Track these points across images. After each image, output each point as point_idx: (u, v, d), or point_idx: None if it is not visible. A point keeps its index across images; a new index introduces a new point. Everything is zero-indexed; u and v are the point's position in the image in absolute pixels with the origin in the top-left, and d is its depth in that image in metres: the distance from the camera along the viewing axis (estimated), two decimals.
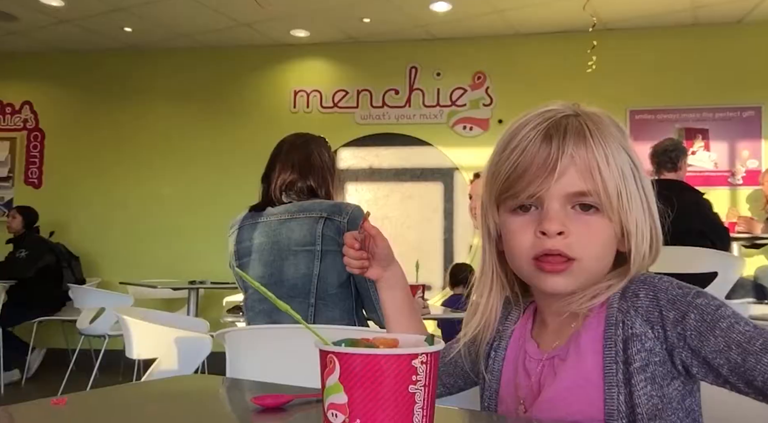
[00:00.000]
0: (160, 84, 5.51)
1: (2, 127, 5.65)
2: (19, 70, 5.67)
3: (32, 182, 5.60)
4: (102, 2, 4.57)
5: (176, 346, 2.30)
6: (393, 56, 5.21)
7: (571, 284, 0.74)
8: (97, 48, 5.51)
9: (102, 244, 5.41)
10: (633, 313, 0.72)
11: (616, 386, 0.70)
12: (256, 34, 5.16)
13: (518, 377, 0.80)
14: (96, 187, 5.50)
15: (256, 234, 1.91)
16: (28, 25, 5.03)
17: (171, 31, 5.13)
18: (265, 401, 0.71)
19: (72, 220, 5.41)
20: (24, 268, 4.62)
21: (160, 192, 5.39)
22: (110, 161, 5.50)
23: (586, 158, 0.73)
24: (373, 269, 1.01)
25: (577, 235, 0.73)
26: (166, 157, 5.41)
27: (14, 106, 5.67)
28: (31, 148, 5.62)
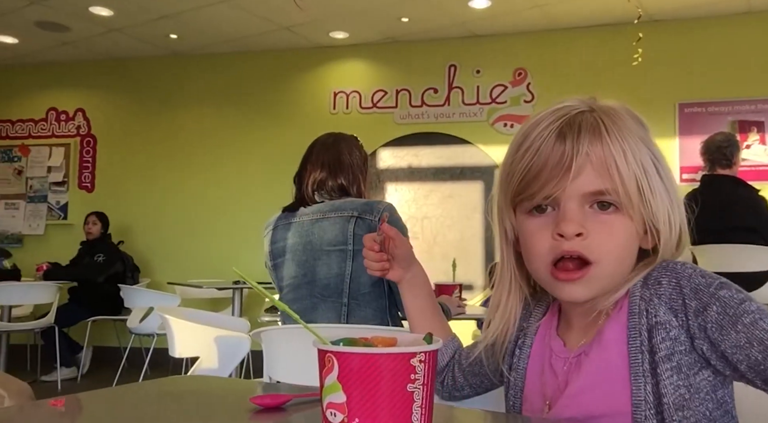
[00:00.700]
0: (204, 89, 5.64)
1: (57, 134, 5.91)
2: (72, 78, 5.91)
3: (85, 186, 5.83)
4: (148, 10, 4.72)
5: (216, 345, 2.34)
6: (432, 55, 5.19)
7: (589, 292, 0.72)
8: (144, 55, 5.70)
9: (151, 246, 5.58)
10: (656, 301, 0.70)
11: (643, 376, 0.68)
12: (296, 37, 5.22)
13: (545, 375, 0.79)
14: (145, 190, 5.68)
15: (290, 234, 1.93)
16: (80, 35, 5.24)
17: (214, 36, 5.25)
18: (264, 401, 0.71)
19: (123, 222, 5.60)
20: (99, 272, 4.82)
21: (207, 194, 5.52)
22: (158, 165, 5.67)
23: (602, 155, 0.70)
24: (394, 271, 1.00)
25: (595, 236, 0.70)
26: (211, 160, 5.54)
27: (68, 113, 5.91)
28: (84, 154, 5.85)
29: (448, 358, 0.99)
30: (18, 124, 5.97)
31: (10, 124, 5.99)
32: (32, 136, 5.94)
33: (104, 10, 4.72)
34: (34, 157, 5.91)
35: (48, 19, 4.87)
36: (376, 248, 0.98)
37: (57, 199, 5.85)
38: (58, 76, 5.91)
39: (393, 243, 0.99)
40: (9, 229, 5.88)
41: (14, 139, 5.97)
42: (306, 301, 1.89)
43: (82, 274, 4.82)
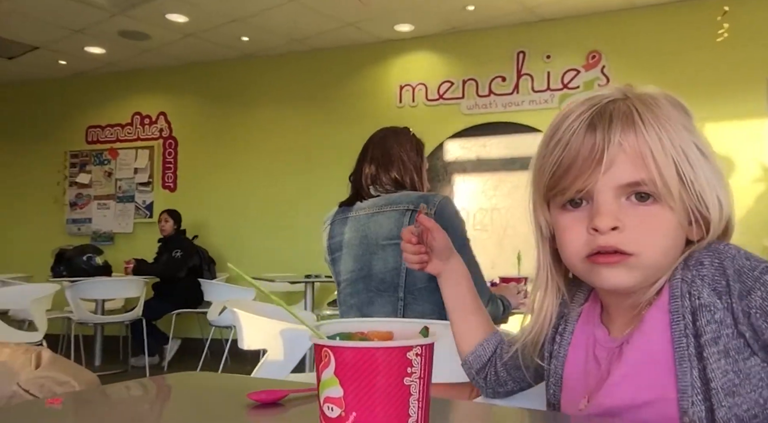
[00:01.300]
0: (275, 88, 5.80)
1: (142, 137, 6.27)
2: (154, 83, 6.25)
3: (168, 186, 6.16)
4: (221, 15, 4.90)
5: (281, 338, 2.41)
6: (499, 42, 5.07)
7: (633, 278, 0.69)
8: (218, 58, 5.92)
9: (229, 241, 5.81)
10: (699, 283, 0.66)
11: (688, 360, 0.64)
12: (361, 33, 5.25)
13: (588, 364, 0.76)
14: (222, 188, 5.92)
15: (346, 229, 1.94)
16: (159, 42, 5.52)
17: (283, 37, 5.38)
18: (261, 396, 0.71)
19: (203, 219, 5.87)
20: (178, 267, 5.09)
21: (279, 190, 5.68)
22: (234, 163, 5.89)
23: (636, 145, 0.67)
24: (433, 264, 0.98)
25: (633, 229, 0.67)
26: (284, 158, 5.69)
27: (151, 117, 6.26)
28: (167, 155, 6.18)
29: (490, 353, 0.96)
30: (107, 129, 6.40)
31: (100, 129, 6.42)
32: (120, 140, 6.34)
33: (180, 17, 4.94)
34: (122, 159, 6.31)
35: (130, 28, 5.17)
36: (413, 240, 0.97)
37: (143, 199, 6.22)
38: (141, 82, 6.26)
39: (431, 235, 0.97)
40: (101, 228, 6.32)
41: (104, 143, 6.40)
42: (363, 296, 1.90)
43: (164, 270, 5.09)
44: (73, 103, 6.48)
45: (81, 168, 6.43)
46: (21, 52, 5.72)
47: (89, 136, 6.43)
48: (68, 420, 0.72)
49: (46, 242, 5.99)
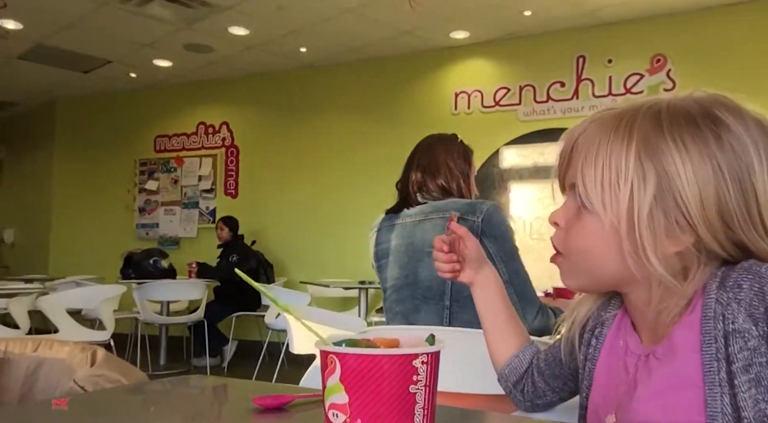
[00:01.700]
0: (332, 97, 5.89)
1: (206, 146, 6.51)
2: (217, 94, 6.48)
3: (230, 193, 6.36)
4: (280, 26, 5.03)
5: None
6: (558, 47, 4.96)
7: (572, 279, 0.73)
8: (278, 69, 6.08)
9: (287, 246, 5.94)
10: (735, 306, 0.62)
11: (719, 386, 0.62)
12: (417, 40, 5.27)
13: (618, 371, 0.74)
14: (280, 195, 6.06)
15: (393, 236, 1.95)
16: (222, 54, 5.73)
17: (340, 46, 5.46)
18: (266, 401, 0.71)
19: (262, 225, 6.02)
20: (233, 271, 5.25)
21: (336, 197, 5.76)
22: (291, 170, 6.02)
23: (581, 150, 0.69)
24: (465, 272, 0.97)
25: (567, 229, 0.71)
26: (341, 166, 5.77)
27: (215, 126, 6.49)
28: (229, 163, 6.39)
29: (526, 364, 0.94)
30: (174, 138, 6.68)
31: (167, 138, 6.71)
32: (185, 148, 6.61)
33: (241, 30, 5.11)
34: (187, 167, 6.57)
35: (194, 41, 5.38)
36: (445, 249, 0.96)
37: (207, 205, 6.45)
38: (205, 92, 6.51)
39: (462, 243, 0.96)
40: (168, 233, 6.59)
41: (171, 152, 6.68)
42: (408, 303, 1.89)
43: (222, 274, 5.26)
44: (142, 113, 6.81)
45: (149, 176, 6.74)
46: (95, 66, 6.07)
47: (157, 145, 6.74)
48: (74, 421, 0.72)
49: (118, 246, 6.31)
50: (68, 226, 7.06)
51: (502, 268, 1.76)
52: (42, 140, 7.43)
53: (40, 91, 6.91)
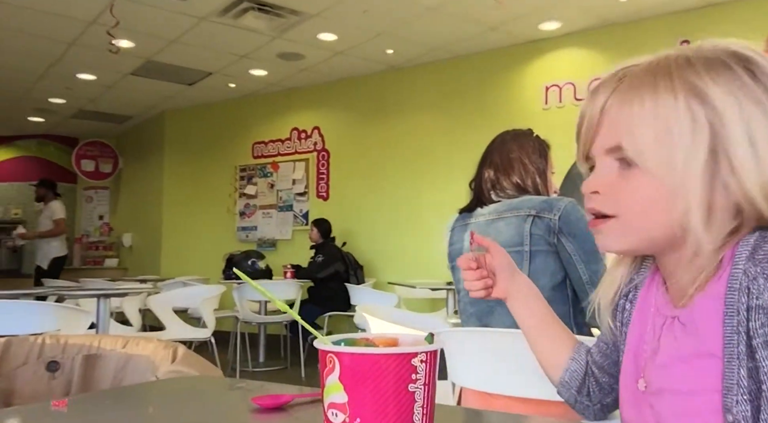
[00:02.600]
0: (419, 97, 5.89)
1: (299, 150, 6.73)
2: (309, 100, 6.68)
3: (321, 196, 6.53)
4: (367, 30, 5.10)
5: None
6: (657, 33, 4.64)
7: (619, 242, 0.70)
8: (365, 72, 6.17)
9: (376, 248, 6.00)
10: (762, 282, 0.60)
11: (737, 359, 0.61)
12: (505, 36, 5.14)
13: (647, 334, 0.74)
14: (369, 196, 6.14)
15: (466, 236, 1.90)
16: (312, 61, 5.89)
17: (426, 46, 5.44)
18: (265, 401, 0.70)
19: (352, 226, 6.12)
20: (317, 270, 5.41)
21: (424, 197, 5.74)
22: (380, 172, 6.08)
23: (618, 110, 0.67)
24: (498, 286, 0.92)
25: (612, 193, 0.69)
26: (428, 165, 5.75)
27: (307, 131, 6.70)
28: (320, 167, 6.56)
29: (584, 364, 0.88)
30: (270, 144, 6.97)
31: (264, 144, 7.01)
32: (280, 153, 6.87)
33: (330, 36, 5.23)
34: (282, 171, 6.82)
35: (287, 50, 5.58)
36: (473, 266, 0.91)
37: (300, 208, 6.66)
38: (298, 99, 6.73)
39: (489, 255, 0.91)
40: (266, 235, 6.88)
41: (267, 158, 6.97)
42: (482, 305, 1.83)
43: (305, 273, 5.41)
44: (241, 121, 7.16)
45: (248, 180, 7.08)
46: (198, 79, 6.46)
47: (255, 151, 7.06)
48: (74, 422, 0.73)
49: (221, 248, 6.67)
50: (177, 230, 7.56)
51: (581, 267, 1.66)
52: (153, 150, 8.03)
53: (151, 104, 7.46)
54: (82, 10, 4.67)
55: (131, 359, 1.62)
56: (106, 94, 6.98)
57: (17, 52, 5.61)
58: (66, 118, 8.12)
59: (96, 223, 9.35)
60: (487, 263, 0.91)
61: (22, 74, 6.25)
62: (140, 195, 8.47)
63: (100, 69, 6.10)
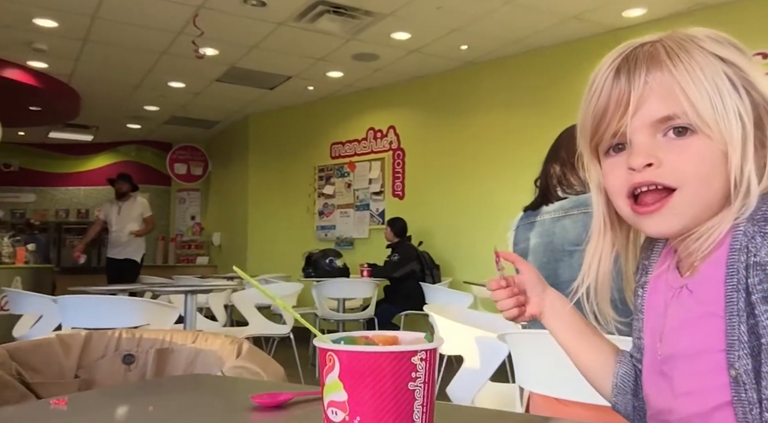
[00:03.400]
0: (496, 93, 5.77)
1: (375, 150, 6.79)
2: (384, 100, 6.72)
3: (397, 195, 6.55)
4: (440, 27, 5.06)
5: (477, 346, 2.36)
6: (760, 12, 4.28)
7: (676, 222, 0.69)
8: (440, 70, 6.12)
9: (454, 247, 5.94)
10: (759, 240, 0.63)
11: (737, 315, 0.63)
12: (585, 25, 4.92)
13: (658, 308, 0.76)
14: (444, 195, 6.08)
15: (531, 234, 1.83)
16: (387, 61, 5.92)
17: (502, 40, 5.32)
18: (265, 399, 0.70)
19: (428, 225, 6.09)
20: (393, 269, 5.43)
21: (498, 196, 5.62)
22: (455, 170, 6.01)
23: (664, 80, 0.67)
24: (532, 303, 0.87)
25: (671, 162, 0.67)
26: (504, 164, 5.62)
27: (383, 131, 6.74)
28: (396, 166, 6.59)
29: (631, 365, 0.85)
30: (347, 144, 7.08)
31: (341, 144, 7.13)
32: (357, 153, 6.96)
33: (403, 35, 5.23)
34: (358, 171, 6.91)
35: (361, 51, 5.64)
36: (503, 284, 0.86)
37: (376, 207, 6.72)
38: (373, 99, 6.79)
39: (518, 268, 0.89)
40: (344, 234, 6.99)
41: (344, 158, 7.09)
42: None
43: (381, 271, 5.43)
44: (319, 123, 7.32)
45: (326, 181, 7.22)
46: (278, 83, 6.67)
47: (332, 152, 7.20)
48: (73, 420, 0.73)
49: (301, 246, 6.85)
50: (261, 229, 7.85)
51: None
52: (239, 153, 8.37)
53: (235, 109, 7.79)
54: (171, 22, 4.95)
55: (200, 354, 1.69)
56: (195, 101, 7.36)
57: (116, 65, 6.03)
58: (160, 124, 8.64)
59: (188, 223, 9.89)
60: (516, 281, 0.87)
61: (121, 85, 6.72)
62: (227, 196, 8.87)
63: (189, 77, 6.43)
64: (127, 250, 6.68)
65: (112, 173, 10.04)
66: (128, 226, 6.62)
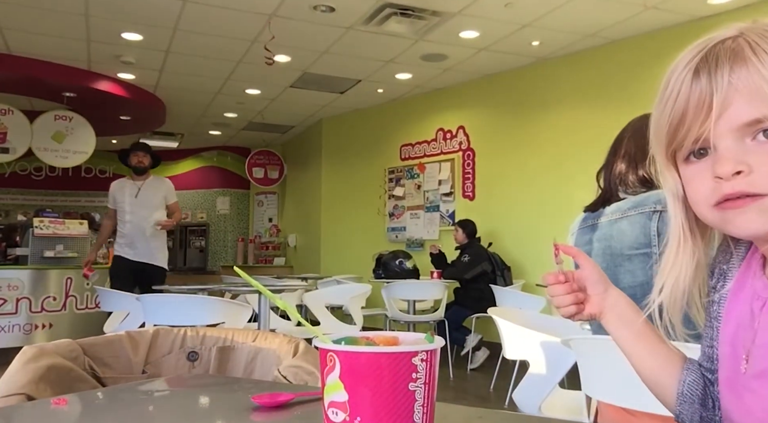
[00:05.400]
0: (570, 89, 5.58)
1: (444, 151, 6.74)
2: (453, 100, 6.66)
3: (467, 196, 6.46)
4: (510, 23, 4.96)
5: (543, 351, 2.29)
6: None
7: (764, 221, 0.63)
8: (510, 67, 5.99)
9: (526, 248, 5.79)
10: None
11: None
12: (666, 14, 4.67)
13: (746, 319, 0.70)
14: (517, 195, 5.95)
15: (591, 238, 1.74)
16: (456, 60, 5.87)
17: (575, 34, 5.15)
18: (266, 400, 0.69)
19: (498, 226, 5.98)
20: (464, 270, 5.37)
21: (575, 196, 5.42)
22: (528, 170, 5.86)
23: (750, 80, 0.61)
24: (592, 301, 0.82)
25: (763, 169, 0.62)
26: (581, 163, 5.41)
27: (452, 131, 6.68)
28: (466, 166, 6.51)
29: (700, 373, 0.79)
30: (416, 145, 7.07)
31: (410, 146, 7.14)
32: (426, 155, 6.94)
33: (472, 33, 5.17)
34: (428, 172, 6.89)
35: (430, 51, 5.62)
36: (562, 279, 0.81)
37: (446, 208, 6.67)
38: (442, 99, 6.75)
39: (578, 264, 0.83)
40: (414, 235, 6.99)
41: (414, 159, 7.08)
42: None
43: (451, 273, 5.37)
44: (389, 125, 7.36)
45: (396, 182, 7.25)
46: (349, 87, 6.76)
47: (402, 154, 7.21)
48: (74, 420, 0.74)
49: (373, 248, 6.92)
50: (334, 231, 7.98)
51: None
52: (313, 156, 8.57)
53: (309, 113, 7.98)
54: (246, 31, 5.13)
55: (260, 352, 1.74)
56: (271, 107, 7.60)
57: (196, 74, 6.34)
58: (238, 130, 8.99)
59: (266, 225, 10.23)
60: (576, 277, 0.82)
61: (202, 93, 7.05)
62: (302, 198, 9.09)
63: (264, 83, 6.65)
64: (150, 249, 4.85)
65: (195, 178, 10.60)
66: (152, 214, 4.84)
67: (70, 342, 1.49)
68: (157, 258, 4.89)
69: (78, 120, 6.66)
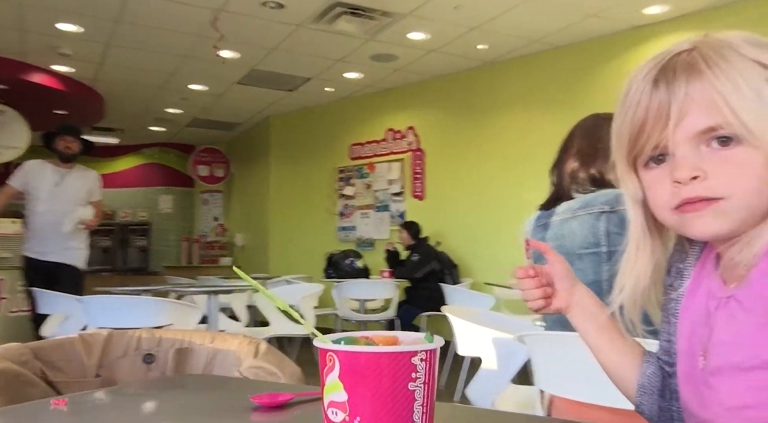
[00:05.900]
0: (515, 93, 5.73)
1: (394, 151, 6.79)
2: (403, 100, 6.72)
3: (417, 196, 6.54)
4: (458, 26, 5.04)
5: (494, 347, 2.35)
6: None
7: (724, 223, 0.67)
8: (458, 69, 6.10)
9: (474, 247, 5.91)
10: None
11: None
12: (604, 23, 4.87)
13: (698, 317, 0.74)
14: (466, 196, 6.05)
15: (544, 237, 1.79)
16: (406, 61, 5.92)
17: (520, 39, 5.29)
18: (265, 400, 0.70)
19: (447, 225, 6.07)
20: (414, 269, 5.43)
21: (519, 197, 5.57)
22: (476, 171, 5.98)
23: (705, 91, 0.66)
24: (559, 296, 0.85)
25: (717, 174, 0.66)
26: (525, 163, 5.57)
27: (402, 131, 6.74)
28: (415, 166, 6.58)
29: (659, 366, 0.83)
30: (366, 145, 7.09)
31: (360, 146, 7.15)
32: (376, 154, 6.97)
33: (422, 35, 5.23)
34: (378, 172, 6.92)
35: (380, 51, 5.65)
36: (531, 273, 0.85)
37: (396, 208, 6.72)
38: (392, 99, 6.79)
39: (547, 260, 0.86)
40: (364, 235, 7.01)
41: (364, 159, 7.10)
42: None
43: (402, 272, 5.43)
44: (339, 124, 7.35)
45: (346, 182, 7.25)
46: (298, 85, 6.71)
47: (352, 153, 7.22)
48: (73, 421, 0.73)
49: (322, 247, 6.88)
50: (283, 230, 7.90)
51: None
52: (260, 155, 8.44)
53: (256, 111, 7.86)
54: (192, 25, 5.01)
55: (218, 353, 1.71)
56: (217, 103, 7.45)
57: (139, 69, 6.13)
58: (182, 126, 8.76)
59: (211, 224, 10.01)
60: (544, 272, 0.85)
61: (144, 88, 6.83)
62: (250, 197, 8.95)
63: (210, 79, 6.51)
64: (65, 248, 4.25)
65: (135, 176, 10.25)
66: (74, 208, 4.24)
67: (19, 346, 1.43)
68: (71, 257, 4.29)
69: (10, 114, 6.32)
